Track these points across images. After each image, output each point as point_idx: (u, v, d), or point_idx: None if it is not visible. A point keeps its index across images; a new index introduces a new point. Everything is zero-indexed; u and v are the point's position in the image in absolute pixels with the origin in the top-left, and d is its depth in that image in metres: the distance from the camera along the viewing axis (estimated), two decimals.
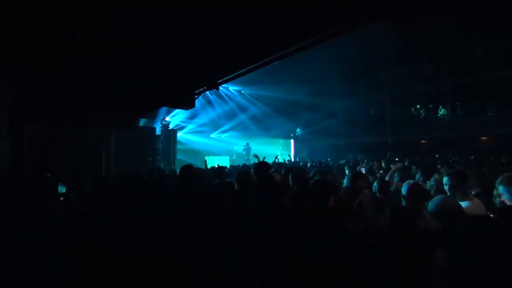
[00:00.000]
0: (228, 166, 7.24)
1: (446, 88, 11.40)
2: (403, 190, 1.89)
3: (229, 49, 4.58)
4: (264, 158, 5.52)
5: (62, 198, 3.16)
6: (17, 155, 4.26)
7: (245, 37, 4.13)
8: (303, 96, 12.62)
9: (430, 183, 2.58)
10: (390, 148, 10.98)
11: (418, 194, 1.83)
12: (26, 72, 4.17)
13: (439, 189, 2.29)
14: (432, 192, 2.40)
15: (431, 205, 1.64)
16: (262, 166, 3.55)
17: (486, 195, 2.10)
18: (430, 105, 12.43)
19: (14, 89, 4.17)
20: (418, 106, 12.87)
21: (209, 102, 11.54)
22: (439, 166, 4.51)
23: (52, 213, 2.19)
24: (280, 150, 15.34)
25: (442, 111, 12.11)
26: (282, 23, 3.70)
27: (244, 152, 13.45)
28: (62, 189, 3.59)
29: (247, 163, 6.62)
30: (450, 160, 6.70)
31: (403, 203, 1.96)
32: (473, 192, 2.20)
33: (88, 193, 3.35)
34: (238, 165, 7.12)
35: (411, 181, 1.97)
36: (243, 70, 5.47)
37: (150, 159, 7.58)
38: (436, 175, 2.69)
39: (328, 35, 4.05)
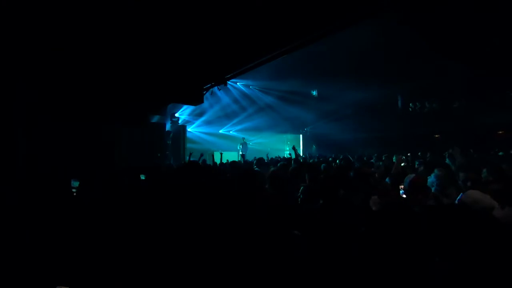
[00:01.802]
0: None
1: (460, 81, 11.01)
2: (405, 183, 1.90)
3: (237, 44, 4.60)
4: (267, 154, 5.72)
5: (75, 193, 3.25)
6: (29, 151, 4.42)
7: (253, 30, 4.13)
8: (312, 90, 12.49)
9: (430, 179, 2.33)
10: (402, 142, 10.79)
11: (419, 187, 1.83)
12: (36, 70, 4.31)
13: (443, 185, 2.19)
14: (433, 189, 2.20)
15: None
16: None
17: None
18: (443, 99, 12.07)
19: (25, 87, 4.33)
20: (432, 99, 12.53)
21: (217, 98, 11.59)
22: None
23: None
24: (289, 146, 15.31)
25: (456, 104, 11.77)
26: (291, 14, 3.67)
27: (240, 147, 12.76)
28: (75, 183, 3.71)
29: (243, 159, 6.51)
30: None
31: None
32: None
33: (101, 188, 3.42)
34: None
35: (412, 175, 1.96)
36: (251, 65, 5.47)
37: (159, 155, 7.75)
38: (437, 171, 2.37)
39: (337, 26, 3.97)
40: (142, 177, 3.58)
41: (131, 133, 7.38)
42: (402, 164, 3.61)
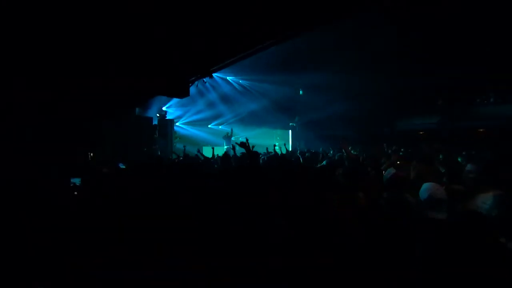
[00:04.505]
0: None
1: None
2: (384, 178, 1.88)
3: (222, 35, 4.47)
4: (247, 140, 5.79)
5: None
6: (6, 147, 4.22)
7: (238, 21, 4.01)
8: (301, 85, 12.45)
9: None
10: (388, 139, 10.94)
11: (397, 183, 1.81)
12: (26, 65, 4.12)
13: (421, 177, 2.17)
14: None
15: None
16: None
17: None
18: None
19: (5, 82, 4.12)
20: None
21: (205, 93, 11.41)
22: None
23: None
24: (278, 141, 15.31)
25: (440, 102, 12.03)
26: (278, 5, 3.56)
27: (225, 141, 12.53)
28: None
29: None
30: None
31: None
32: None
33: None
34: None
35: (393, 170, 1.94)
36: (236, 57, 5.35)
37: (145, 149, 7.57)
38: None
39: (329, 18, 3.88)
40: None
41: (116, 127, 7.17)
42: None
